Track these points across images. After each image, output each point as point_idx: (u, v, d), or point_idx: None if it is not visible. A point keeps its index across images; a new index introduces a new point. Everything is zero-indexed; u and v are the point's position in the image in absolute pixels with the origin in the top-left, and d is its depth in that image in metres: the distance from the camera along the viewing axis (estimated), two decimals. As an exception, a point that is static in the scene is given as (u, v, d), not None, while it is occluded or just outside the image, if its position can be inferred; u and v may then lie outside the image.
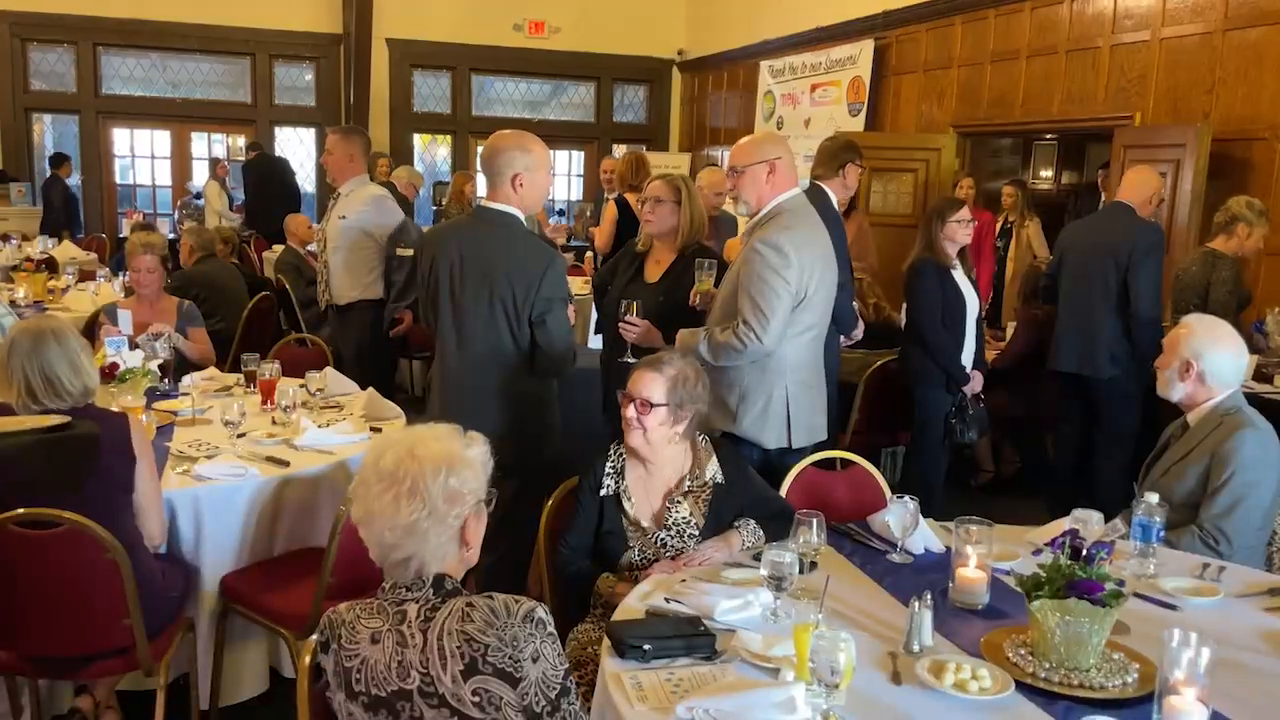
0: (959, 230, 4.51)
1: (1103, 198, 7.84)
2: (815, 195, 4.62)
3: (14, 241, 8.70)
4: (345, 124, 11.48)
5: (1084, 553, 2.10)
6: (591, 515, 2.71)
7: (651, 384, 2.63)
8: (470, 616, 1.72)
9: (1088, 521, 2.57)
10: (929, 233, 4.56)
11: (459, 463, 1.81)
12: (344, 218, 4.99)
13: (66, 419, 2.65)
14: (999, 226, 7.65)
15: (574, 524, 2.73)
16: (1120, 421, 4.82)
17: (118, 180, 11.88)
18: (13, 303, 5.85)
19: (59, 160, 10.64)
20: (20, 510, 2.55)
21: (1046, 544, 2.19)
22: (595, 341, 4.55)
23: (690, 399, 2.66)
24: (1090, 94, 6.64)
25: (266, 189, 10.21)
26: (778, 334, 3.18)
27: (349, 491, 1.83)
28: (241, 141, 12.28)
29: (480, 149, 12.01)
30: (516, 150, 3.19)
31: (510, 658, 1.70)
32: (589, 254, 7.23)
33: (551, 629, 1.77)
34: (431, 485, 1.76)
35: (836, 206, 4.68)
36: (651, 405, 2.62)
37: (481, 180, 5.62)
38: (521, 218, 3.26)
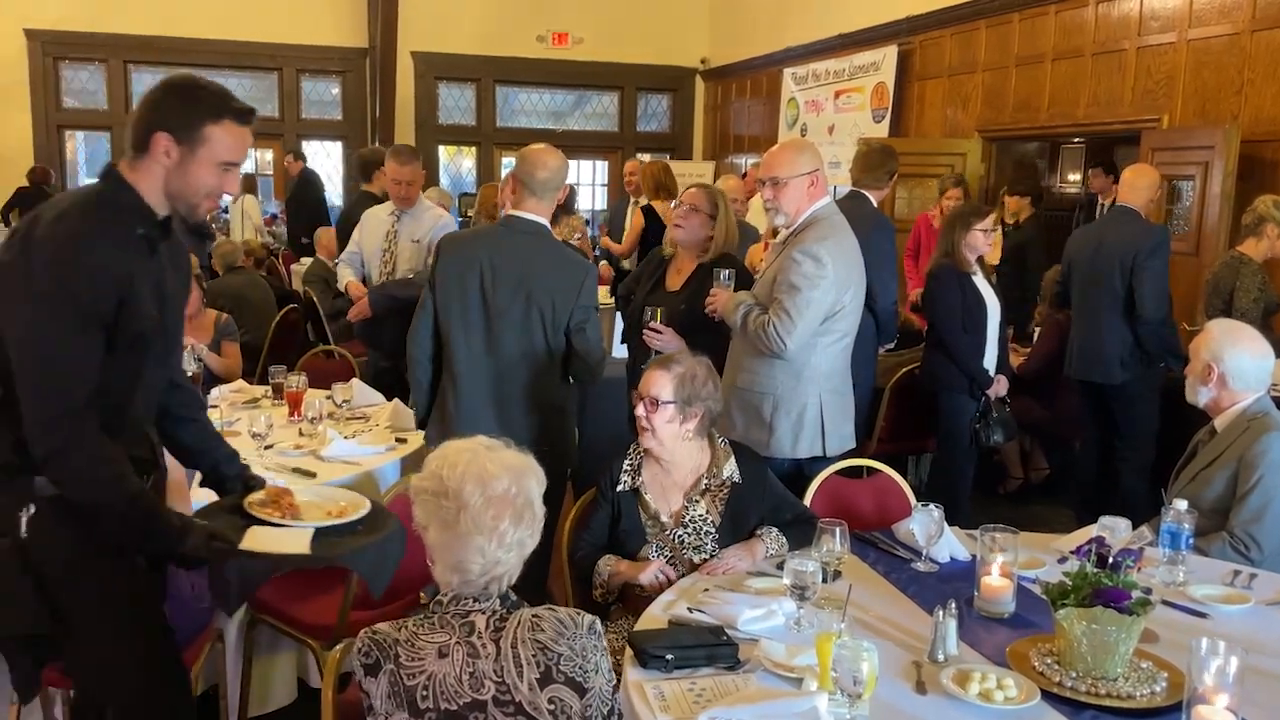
0: (981, 238, 4.50)
1: (1099, 200, 7.80)
2: (857, 203, 4.63)
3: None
4: (374, 139, 11.63)
5: (1110, 560, 2.08)
6: (607, 512, 2.73)
7: (659, 382, 2.65)
8: (540, 626, 1.73)
9: (1114, 529, 2.55)
10: (950, 239, 4.55)
11: (539, 471, 1.85)
12: (417, 240, 5.02)
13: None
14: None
15: (591, 521, 2.77)
16: (1137, 426, 4.79)
17: (149, 195, 12.02)
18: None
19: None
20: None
21: (1072, 552, 2.17)
22: (619, 351, 4.55)
23: (699, 396, 2.66)
24: (1117, 96, 6.58)
25: (311, 201, 10.24)
26: (801, 342, 3.20)
27: (421, 518, 1.79)
28: (269, 156, 12.41)
29: (506, 160, 12.09)
30: (566, 167, 3.31)
31: (580, 668, 1.72)
32: (604, 262, 7.28)
33: (605, 642, 1.80)
34: (536, 495, 1.81)
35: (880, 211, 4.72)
36: (659, 403, 2.63)
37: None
38: (548, 227, 3.30)
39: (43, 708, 3.04)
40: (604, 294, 7.91)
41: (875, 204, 4.71)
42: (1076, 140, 9.32)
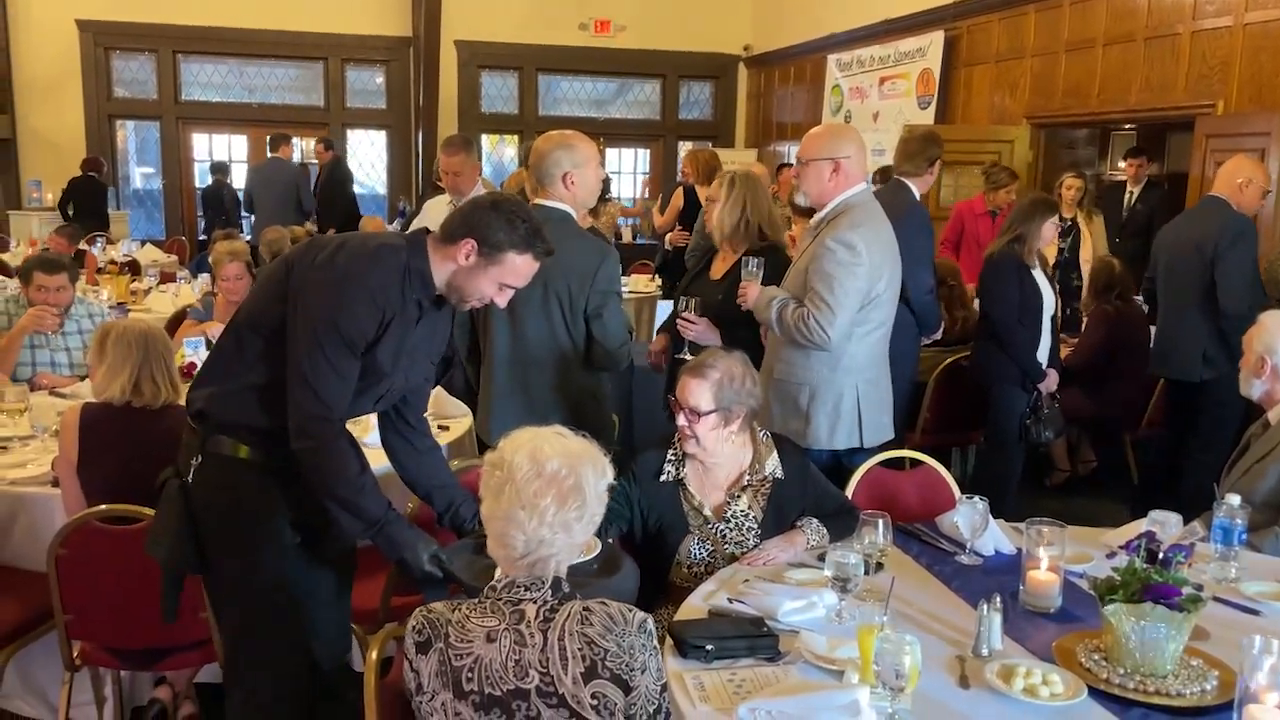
0: (1052, 231, 4.47)
1: (1128, 189, 7.64)
2: (898, 191, 4.56)
3: (100, 244, 8.99)
4: (417, 128, 11.72)
5: (1161, 556, 2.04)
6: (623, 501, 2.65)
7: (698, 391, 2.59)
8: (589, 620, 1.72)
9: (1165, 524, 2.50)
10: (1026, 226, 4.44)
11: (603, 463, 1.85)
12: None
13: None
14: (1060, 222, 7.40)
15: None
16: (1214, 426, 4.58)
17: (197, 184, 12.20)
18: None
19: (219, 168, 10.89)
20: (103, 506, 2.65)
21: (1121, 547, 2.13)
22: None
23: (739, 398, 2.62)
24: (1170, 82, 6.44)
25: (340, 191, 10.32)
26: (844, 331, 3.17)
27: (480, 489, 1.83)
28: (314, 144, 12.51)
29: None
30: (562, 150, 3.22)
31: (626, 665, 1.71)
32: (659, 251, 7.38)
33: (656, 642, 1.78)
34: (591, 484, 1.80)
35: (921, 203, 4.64)
36: (700, 414, 2.59)
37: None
38: (574, 215, 3.28)
39: (94, 687, 3.11)
40: (644, 282, 7.97)
41: (917, 193, 4.60)
42: (1128, 127, 9.15)
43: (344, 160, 11.22)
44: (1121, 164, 8.40)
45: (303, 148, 12.62)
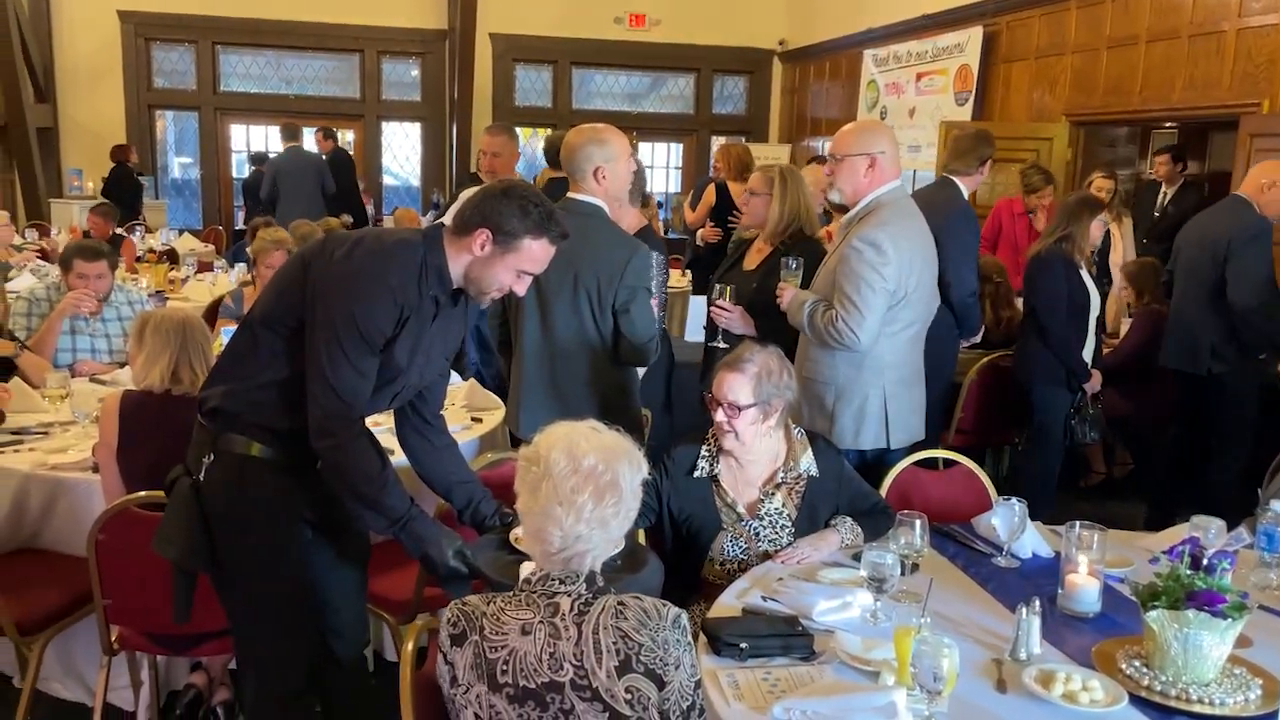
0: (1099, 229, 4.42)
1: (1162, 189, 7.48)
2: (945, 188, 4.52)
3: (139, 232, 9.09)
4: (452, 121, 11.75)
5: (1205, 563, 2.01)
6: (652, 494, 2.65)
7: (736, 386, 2.58)
8: (624, 614, 1.72)
9: (1208, 529, 2.46)
10: (1073, 225, 4.40)
11: (638, 458, 1.84)
12: None
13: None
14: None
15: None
16: (1229, 422, 4.60)
17: (234, 174, 12.32)
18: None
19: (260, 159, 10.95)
20: (142, 493, 2.67)
21: (1164, 552, 2.10)
22: (693, 335, 4.55)
23: (777, 391, 2.61)
24: (1215, 80, 6.33)
25: (343, 181, 10.26)
26: (874, 332, 3.13)
27: (516, 484, 1.83)
28: (350, 136, 12.60)
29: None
30: (593, 144, 3.21)
31: (660, 660, 1.70)
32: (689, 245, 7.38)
33: (690, 637, 1.77)
34: (627, 479, 1.80)
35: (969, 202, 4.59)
36: (740, 408, 2.58)
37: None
38: (605, 209, 3.27)
39: (130, 671, 3.15)
40: (675, 277, 7.96)
41: (966, 192, 4.56)
42: (1169, 125, 9.01)
43: (345, 150, 11.14)
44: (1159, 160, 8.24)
45: (338, 139, 12.72)
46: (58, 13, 11.19)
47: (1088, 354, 4.43)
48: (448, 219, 2.44)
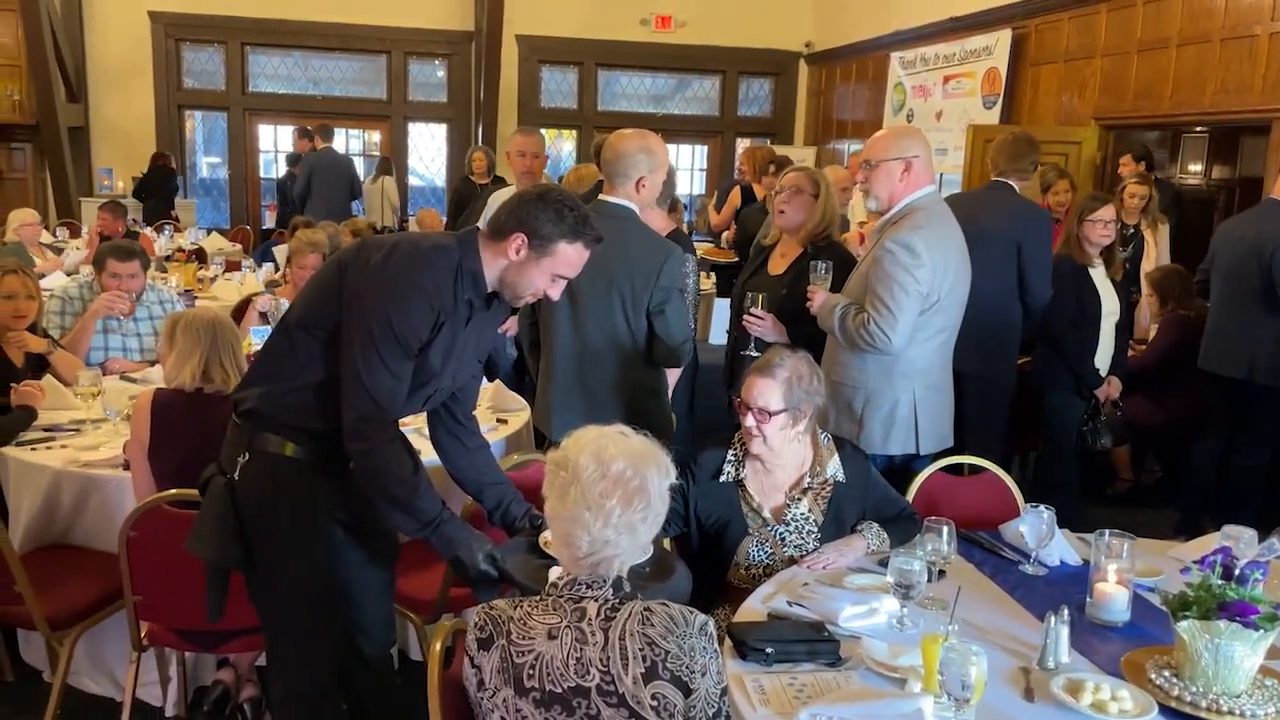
0: (1095, 230, 4.36)
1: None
2: (1004, 193, 4.51)
3: (168, 232, 9.17)
4: (478, 122, 11.79)
5: (1237, 573, 1.99)
6: (679, 500, 2.64)
7: (766, 391, 2.58)
8: (650, 621, 1.72)
9: (1240, 539, 2.44)
10: (1071, 229, 4.42)
11: (666, 463, 1.84)
12: None
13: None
14: (1122, 231, 7.13)
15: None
16: (1264, 426, 4.56)
17: (261, 174, 12.41)
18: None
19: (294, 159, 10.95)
20: (172, 491, 2.70)
21: (1196, 562, 2.08)
22: (718, 338, 4.54)
23: (807, 396, 2.61)
24: (1247, 84, 6.27)
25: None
26: (906, 334, 3.11)
27: (544, 488, 1.83)
28: (377, 137, 12.67)
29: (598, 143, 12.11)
30: (643, 153, 3.22)
31: (686, 667, 1.70)
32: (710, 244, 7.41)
33: (717, 644, 1.77)
34: (656, 484, 1.80)
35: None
36: (770, 414, 2.57)
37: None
38: (638, 211, 3.28)
39: (159, 667, 3.19)
40: (701, 280, 7.96)
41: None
42: (1199, 130, 8.93)
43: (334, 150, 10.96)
44: (1196, 167, 8.05)
45: (365, 139, 12.81)
46: (89, 13, 11.32)
47: (1107, 360, 4.39)
48: (482, 223, 2.45)
